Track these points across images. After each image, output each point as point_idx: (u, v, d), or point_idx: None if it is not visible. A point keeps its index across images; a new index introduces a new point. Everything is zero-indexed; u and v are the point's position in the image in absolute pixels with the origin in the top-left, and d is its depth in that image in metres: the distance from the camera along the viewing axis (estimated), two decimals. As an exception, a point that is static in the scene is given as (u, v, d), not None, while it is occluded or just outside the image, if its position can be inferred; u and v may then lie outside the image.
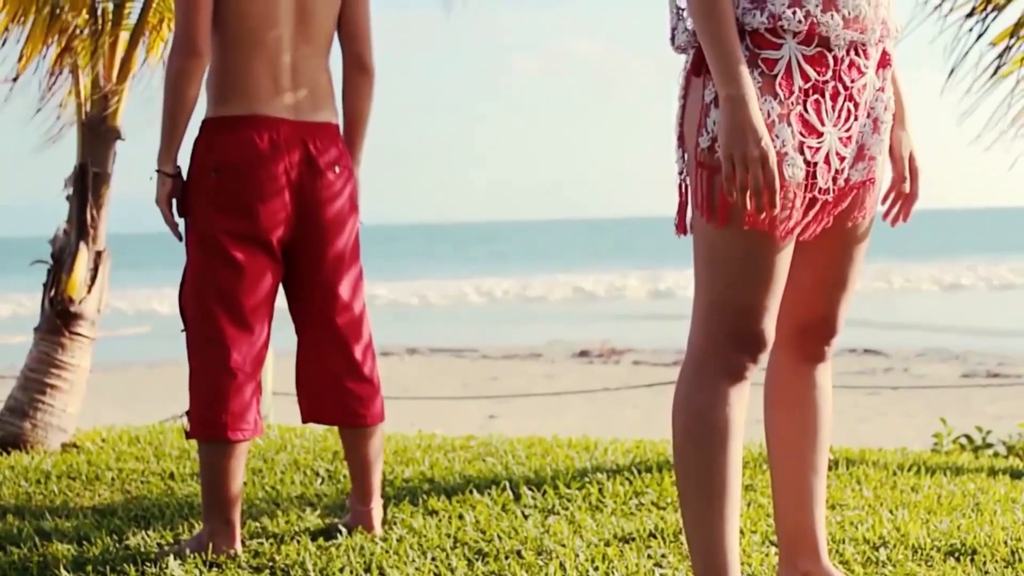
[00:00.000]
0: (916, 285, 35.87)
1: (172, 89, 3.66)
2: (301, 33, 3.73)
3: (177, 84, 3.66)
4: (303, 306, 3.83)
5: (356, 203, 3.85)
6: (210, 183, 3.66)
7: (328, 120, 3.77)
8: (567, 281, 39.49)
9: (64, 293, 5.71)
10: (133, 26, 6.07)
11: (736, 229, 2.61)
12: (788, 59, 2.62)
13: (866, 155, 2.74)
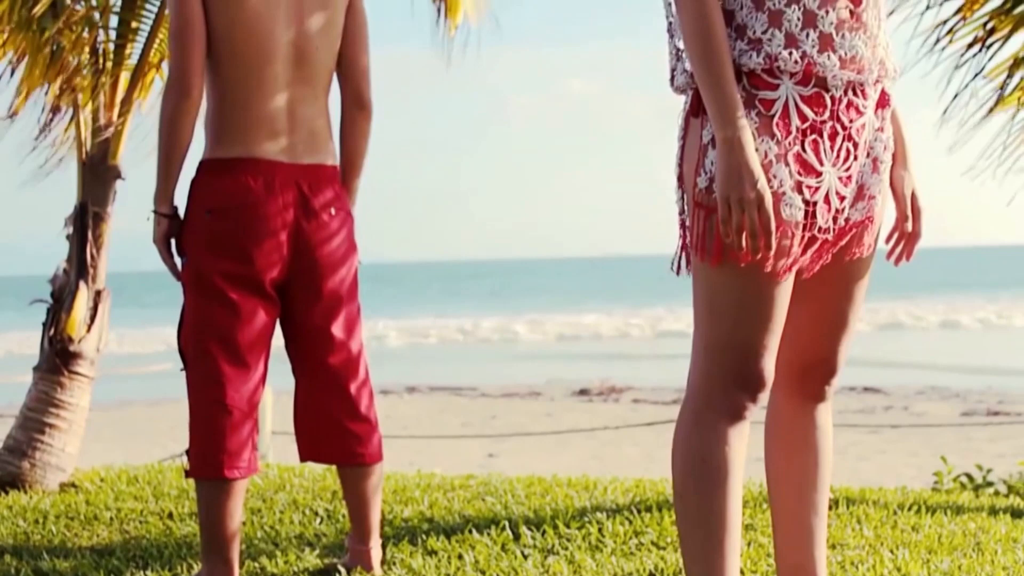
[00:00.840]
0: (916, 323, 35.87)
1: (166, 130, 3.68)
2: (299, 75, 3.74)
3: (171, 125, 3.68)
4: (299, 346, 3.83)
5: (354, 244, 3.85)
6: (205, 224, 3.68)
7: (324, 162, 3.78)
8: (567, 319, 39.49)
9: (64, 332, 5.71)
10: (134, 66, 6.10)
11: (733, 269, 2.61)
12: (785, 99, 2.63)
13: (866, 194, 2.75)
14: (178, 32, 3.67)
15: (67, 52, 5.97)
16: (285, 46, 3.72)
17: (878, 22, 2.70)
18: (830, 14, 2.64)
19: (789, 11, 2.63)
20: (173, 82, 3.67)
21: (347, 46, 3.83)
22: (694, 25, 2.60)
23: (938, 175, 19.16)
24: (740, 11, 2.67)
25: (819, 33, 2.63)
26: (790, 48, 2.62)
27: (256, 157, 3.69)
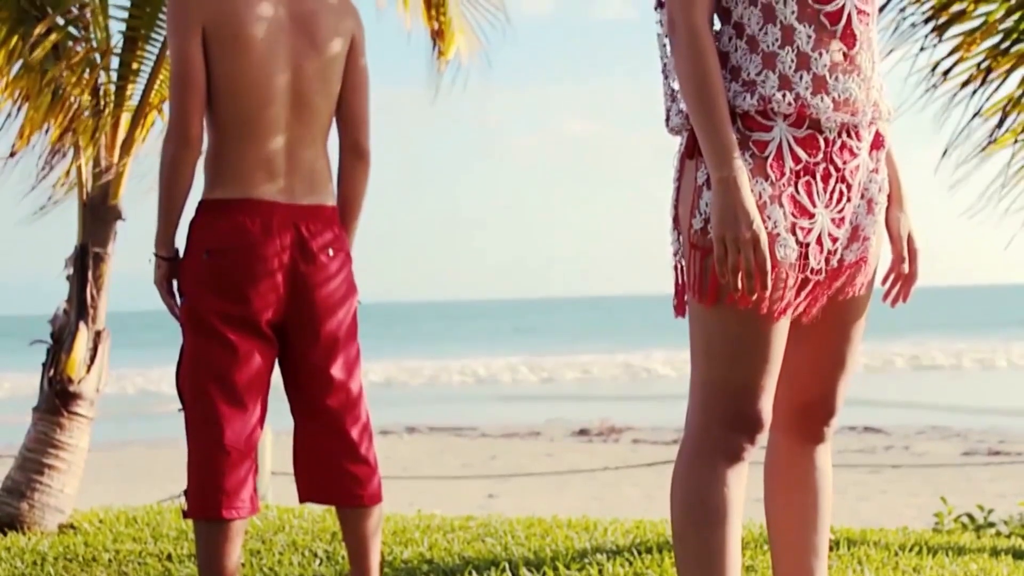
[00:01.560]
0: (916, 362, 35.84)
1: (166, 176, 3.71)
2: (297, 118, 3.75)
3: (171, 171, 3.70)
4: (298, 387, 3.83)
5: (353, 285, 3.85)
6: (203, 265, 3.69)
7: (323, 203, 3.79)
8: (566, 359, 39.45)
9: (63, 373, 5.71)
10: (135, 107, 6.13)
11: (729, 310, 2.62)
12: (779, 141, 2.64)
13: (860, 235, 2.76)
14: (178, 79, 3.69)
15: (68, 93, 5.99)
16: (284, 90, 3.73)
17: (871, 64, 2.72)
18: (823, 56, 2.66)
19: (783, 53, 2.64)
20: (173, 129, 3.69)
21: (346, 94, 3.85)
22: (690, 68, 2.62)
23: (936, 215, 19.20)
24: (735, 53, 2.68)
25: (812, 75, 2.65)
26: (784, 90, 2.64)
27: (254, 198, 3.70)
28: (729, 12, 2.69)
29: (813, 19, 2.65)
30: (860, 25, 2.68)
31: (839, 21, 2.66)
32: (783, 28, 2.65)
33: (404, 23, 6.89)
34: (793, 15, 2.65)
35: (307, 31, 3.76)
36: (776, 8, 2.64)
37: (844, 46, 2.67)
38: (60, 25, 6.02)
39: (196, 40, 3.67)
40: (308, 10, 3.78)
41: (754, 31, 2.66)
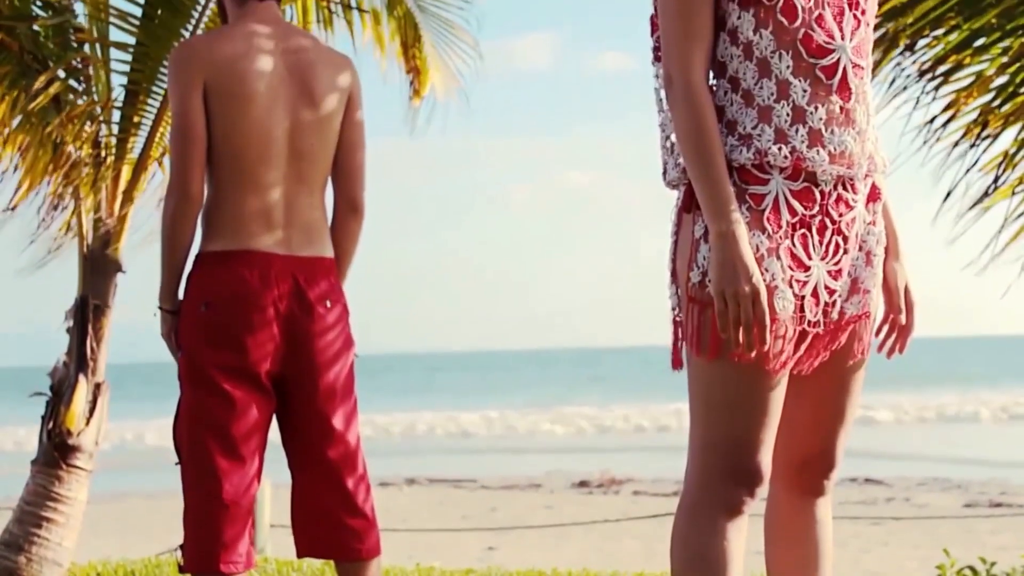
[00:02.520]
0: (916, 414, 35.78)
1: (168, 230, 3.74)
2: (295, 170, 3.77)
3: (173, 225, 3.73)
4: (296, 440, 3.82)
5: (350, 337, 3.86)
6: (201, 317, 3.69)
7: (320, 254, 3.80)
8: (565, 410, 39.37)
9: (63, 425, 5.71)
10: (136, 159, 6.15)
11: (728, 364, 2.62)
12: (775, 194, 2.65)
13: (860, 288, 2.76)
14: (179, 133, 3.71)
15: (69, 146, 6.02)
16: (282, 143, 3.75)
17: (867, 117, 2.73)
18: (819, 110, 2.67)
19: (778, 107, 2.66)
20: (174, 184, 3.72)
21: (342, 148, 3.87)
22: (688, 123, 2.64)
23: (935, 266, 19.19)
24: (730, 107, 2.70)
25: (808, 129, 2.66)
26: (780, 143, 2.65)
27: (252, 249, 3.71)
28: (724, 66, 2.70)
29: (808, 73, 2.66)
30: (855, 79, 2.69)
31: (835, 75, 2.67)
32: (778, 83, 2.66)
33: (380, 66, 6.95)
34: (788, 70, 2.66)
35: (305, 85, 3.78)
36: (771, 63, 2.66)
37: (840, 99, 2.68)
38: (61, 78, 6.05)
39: (196, 95, 3.70)
40: (306, 64, 3.80)
41: (749, 85, 2.68)
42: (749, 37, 2.66)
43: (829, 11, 2.68)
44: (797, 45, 2.65)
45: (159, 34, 6.12)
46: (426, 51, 6.93)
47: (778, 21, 2.65)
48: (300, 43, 3.85)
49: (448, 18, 6.96)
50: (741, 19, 2.67)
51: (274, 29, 3.82)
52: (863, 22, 2.72)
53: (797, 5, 2.65)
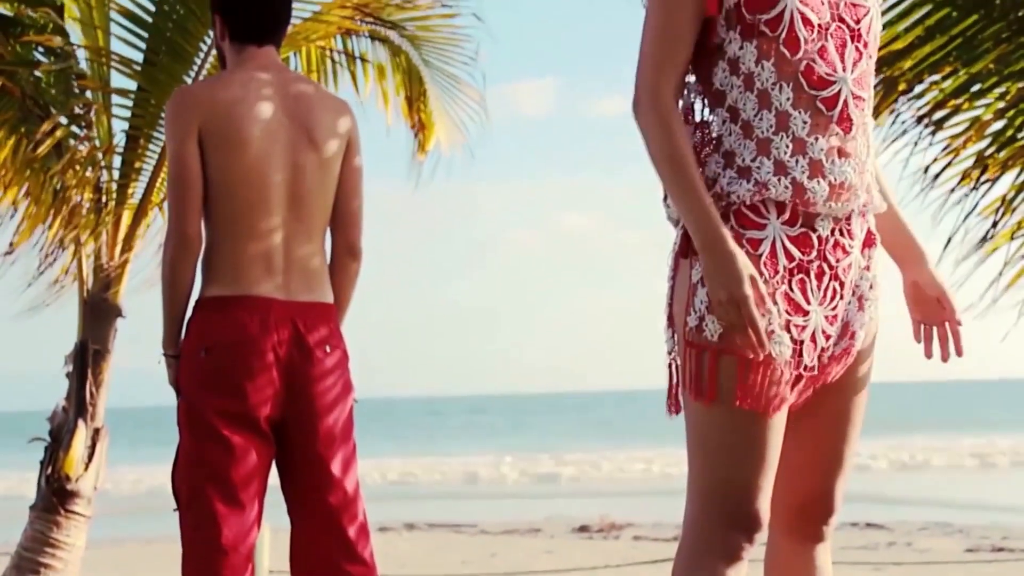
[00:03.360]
0: (915, 458, 35.71)
1: (168, 277, 3.75)
2: (294, 216, 3.78)
3: (172, 272, 3.74)
4: (295, 485, 3.81)
5: (349, 382, 3.86)
6: (200, 362, 3.70)
7: (320, 299, 3.80)
8: (564, 454, 39.28)
9: (61, 471, 5.70)
10: (137, 204, 6.17)
11: (725, 408, 2.62)
12: (772, 239, 2.65)
13: (849, 331, 2.76)
14: (175, 180, 3.72)
15: (70, 191, 6.04)
16: (281, 188, 3.76)
17: (867, 149, 2.72)
18: (819, 141, 2.66)
19: (777, 139, 2.65)
20: (172, 229, 3.73)
21: (341, 193, 3.88)
22: (662, 151, 2.63)
23: (935, 310, 19.02)
24: (728, 137, 2.69)
25: (809, 160, 2.65)
26: (779, 175, 2.64)
27: (252, 295, 3.71)
28: (723, 95, 2.70)
29: (809, 105, 2.66)
30: (856, 110, 2.69)
31: (835, 106, 2.66)
32: (778, 114, 2.65)
33: (386, 119, 6.99)
34: (788, 102, 2.65)
35: (305, 130, 3.80)
36: (772, 94, 2.65)
37: (840, 131, 2.67)
38: (63, 124, 6.08)
39: (192, 140, 3.71)
40: (306, 109, 3.82)
41: (749, 116, 2.67)
42: (751, 68, 2.66)
43: (832, 43, 2.68)
44: (798, 77, 2.65)
45: (160, 80, 6.15)
46: (431, 105, 6.97)
47: (780, 53, 2.64)
48: (300, 88, 3.87)
49: (453, 72, 7.01)
50: (743, 50, 2.66)
51: (274, 74, 3.84)
52: (865, 55, 2.72)
53: (800, 37, 2.64)
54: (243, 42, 3.86)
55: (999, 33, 5.83)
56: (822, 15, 2.67)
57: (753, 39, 2.65)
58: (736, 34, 2.67)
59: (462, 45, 6.97)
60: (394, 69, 6.97)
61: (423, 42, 6.93)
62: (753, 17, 2.64)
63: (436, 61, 7.01)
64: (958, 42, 5.87)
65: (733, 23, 2.67)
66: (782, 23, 2.64)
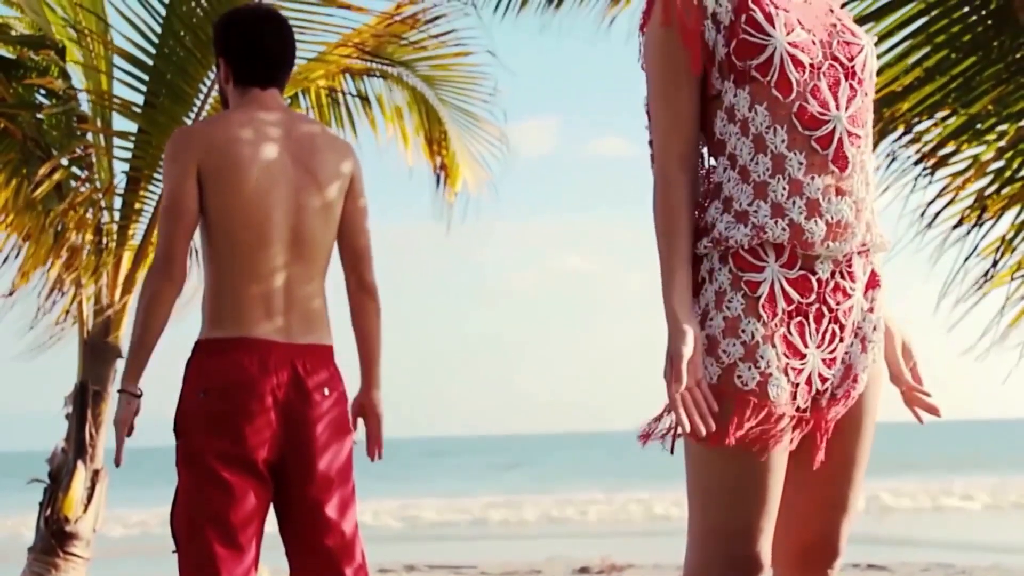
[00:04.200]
0: (917, 499, 35.60)
1: (144, 311, 3.71)
2: (295, 256, 3.77)
3: (150, 306, 3.70)
4: (292, 527, 3.80)
5: (348, 424, 3.85)
6: (199, 404, 3.68)
7: (319, 342, 3.79)
8: (564, 495, 39.17)
9: (60, 512, 5.68)
10: (137, 245, 6.17)
11: (725, 450, 2.61)
12: (771, 282, 2.65)
13: (852, 374, 2.76)
14: (168, 212, 3.71)
15: (70, 232, 6.05)
16: (282, 228, 3.76)
17: (865, 186, 2.71)
18: (816, 180, 2.66)
19: (774, 182, 2.65)
20: (158, 265, 3.70)
21: (348, 233, 3.88)
22: (659, 208, 2.67)
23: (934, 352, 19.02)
24: (728, 183, 2.70)
25: (806, 200, 2.65)
26: (776, 218, 2.65)
27: (251, 337, 3.71)
28: (724, 144, 2.71)
29: (804, 145, 2.66)
30: (852, 148, 2.68)
31: (830, 145, 2.66)
32: (774, 157, 2.66)
33: (406, 160, 7.01)
34: (783, 143, 2.65)
35: (308, 171, 3.80)
36: (767, 138, 2.66)
37: (836, 169, 2.67)
38: (64, 165, 6.09)
39: (190, 178, 3.71)
40: (309, 150, 3.82)
41: (746, 161, 2.68)
42: (745, 114, 2.67)
43: (824, 81, 2.68)
44: (791, 118, 2.65)
45: (161, 121, 6.16)
46: (453, 146, 7.01)
47: (773, 96, 2.65)
48: (304, 129, 3.87)
49: (472, 111, 7.06)
50: (737, 97, 2.67)
51: (277, 115, 3.84)
52: (860, 92, 2.72)
53: (791, 79, 2.65)
54: (247, 85, 3.86)
55: (998, 75, 5.86)
56: (813, 55, 2.68)
57: (746, 85, 2.67)
58: (730, 83, 2.68)
59: (479, 83, 7.02)
60: (411, 109, 7.00)
61: (439, 81, 6.97)
62: (743, 64, 2.66)
63: (454, 100, 7.06)
64: (957, 83, 5.90)
65: (726, 72, 2.68)
66: (772, 67, 2.65)
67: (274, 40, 3.90)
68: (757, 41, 2.65)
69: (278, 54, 3.91)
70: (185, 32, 6.25)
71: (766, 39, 2.64)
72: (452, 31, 6.75)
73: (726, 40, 2.67)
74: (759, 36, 2.65)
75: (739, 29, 2.66)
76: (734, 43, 2.66)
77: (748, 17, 2.66)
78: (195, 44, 6.21)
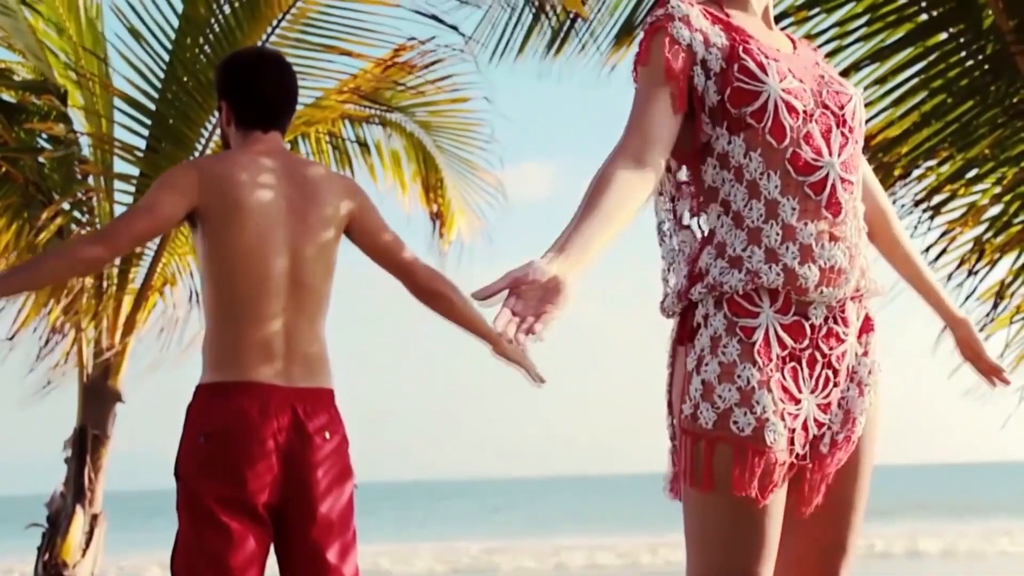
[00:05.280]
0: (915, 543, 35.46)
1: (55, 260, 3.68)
2: (294, 301, 3.77)
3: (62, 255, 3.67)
4: (293, 572, 3.78)
5: (349, 468, 3.84)
6: (199, 448, 3.68)
7: (320, 385, 3.79)
8: (563, 540, 39.03)
9: (59, 557, 5.66)
10: (137, 289, 6.18)
11: (721, 496, 2.61)
12: (766, 327, 2.65)
13: (851, 418, 2.76)
14: (139, 210, 3.72)
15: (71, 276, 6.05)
16: (281, 274, 3.75)
17: (858, 233, 2.73)
18: (809, 226, 2.67)
19: (767, 227, 2.66)
20: (102, 236, 3.67)
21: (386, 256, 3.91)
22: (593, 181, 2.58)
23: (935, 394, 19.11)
24: (721, 228, 2.70)
25: (800, 245, 2.65)
26: (770, 263, 2.66)
27: (252, 381, 3.70)
28: (716, 192, 2.72)
29: (797, 191, 2.67)
30: (844, 194, 2.69)
31: (823, 191, 2.67)
32: (767, 203, 2.66)
33: (403, 207, 7.04)
34: (777, 189, 2.66)
35: (307, 216, 3.80)
36: (760, 184, 2.66)
37: (829, 215, 2.68)
38: (65, 210, 6.11)
39: (180, 208, 3.70)
40: (308, 195, 3.82)
41: (740, 207, 2.68)
42: (740, 161, 2.67)
43: (817, 128, 2.70)
44: (785, 164, 2.66)
45: (162, 165, 6.19)
46: (448, 193, 7.04)
47: (767, 143, 2.66)
48: (304, 173, 3.86)
49: (468, 158, 7.08)
50: (732, 144, 2.68)
51: (277, 159, 3.85)
52: (851, 139, 2.73)
53: (785, 124, 2.66)
54: (249, 127, 3.87)
55: (994, 119, 5.89)
56: (806, 102, 2.70)
57: (740, 132, 2.68)
58: (723, 130, 2.69)
59: (475, 129, 7.04)
60: (408, 156, 7.03)
61: (436, 127, 7.00)
62: (738, 111, 2.67)
63: (450, 147, 7.09)
64: (953, 128, 5.93)
65: (719, 119, 2.69)
66: (767, 113, 2.66)
67: (276, 83, 3.92)
68: (751, 88, 2.67)
69: (280, 97, 3.92)
70: (188, 77, 6.29)
71: (760, 86, 2.66)
72: (449, 76, 6.79)
73: (719, 88, 2.69)
74: (753, 83, 2.67)
75: (732, 77, 2.68)
76: (728, 91, 2.68)
77: (740, 66, 2.68)
78: (197, 88, 6.25)
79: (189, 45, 6.29)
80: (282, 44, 6.44)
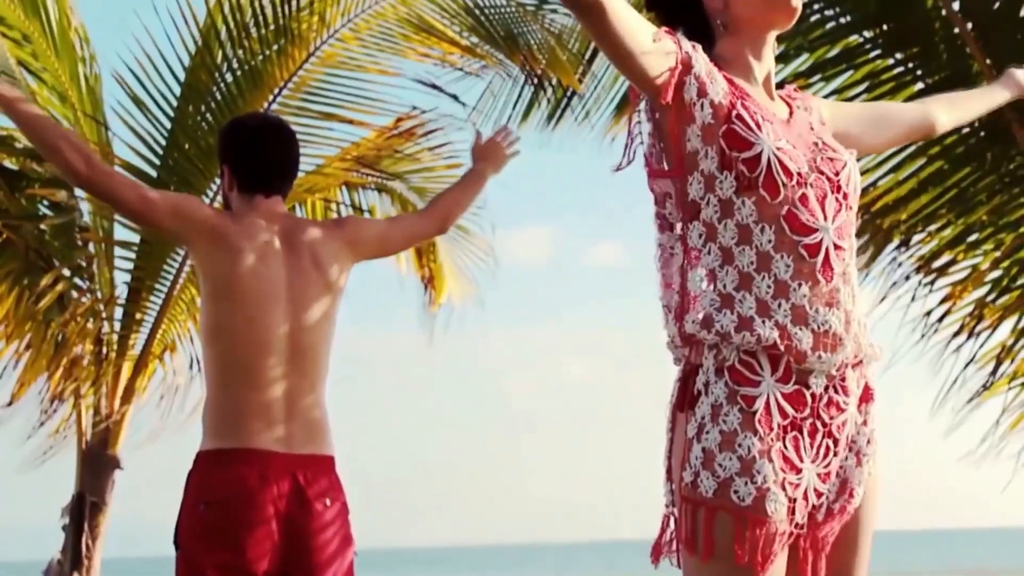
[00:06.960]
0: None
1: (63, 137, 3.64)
2: (294, 367, 3.77)
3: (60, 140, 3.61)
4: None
5: (349, 535, 3.82)
6: (199, 516, 3.67)
7: (320, 451, 3.79)
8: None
9: (55, 626, 5.62)
10: (137, 355, 6.18)
11: (721, 565, 2.59)
12: (766, 397, 2.64)
13: (848, 488, 2.75)
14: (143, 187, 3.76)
15: (71, 343, 6.06)
16: (281, 340, 3.76)
17: (852, 299, 2.70)
18: (802, 287, 2.64)
19: (759, 278, 2.62)
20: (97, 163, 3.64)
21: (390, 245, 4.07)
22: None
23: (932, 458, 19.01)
24: (707, 256, 2.65)
25: (792, 305, 2.62)
26: (763, 317, 2.62)
27: (251, 448, 3.70)
28: (699, 209, 2.66)
29: (792, 250, 2.64)
30: (838, 260, 2.67)
31: (818, 254, 2.65)
32: (759, 254, 2.63)
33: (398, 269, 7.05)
34: (770, 244, 2.63)
35: (307, 281, 3.81)
36: (753, 232, 2.63)
37: (823, 279, 2.65)
38: (66, 276, 6.12)
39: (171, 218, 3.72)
40: (309, 260, 3.83)
41: (728, 243, 2.64)
42: (728, 195, 2.64)
43: (812, 192, 2.67)
44: (780, 221, 2.63)
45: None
46: (440, 258, 7.05)
47: (760, 195, 2.63)
48: (305, 237, 3.87)
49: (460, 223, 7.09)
50: (724, 176, 2.64)
51: (278, 224, 3.86)
52: (845, 206, 2.71)
53: (779, 182, 2.63)
54: (250, 192, 3.89)
55: (992, 185, 5.92)
56: (801, 165, 2.68)
57: (732, 170, 2.63)
58: (713, 152, 2.63)
59: None
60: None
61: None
62: (731, 153, 2.66)
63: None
64: (952, 194, 5.95)
65: (709, 140, 2.63)
66: (759, 166, 2.63)
67: (278, 148, 3.94)
68: (746, 137, 2.64)
69: (282, 162, 3.94)
70: (189, 143, 6.32)
71: (756, 137, 2.64)
72: (447, 143, 6.83)
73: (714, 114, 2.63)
74: (748, 133, 2.64)
75: (730, 119, 2.64)
76: (723, 128, 2.64)
77: (738, 114, 2.64)
78: (198, 155, 6.27)
79: (191, 112, 6.33)
80: (284, 111, 6.48)
